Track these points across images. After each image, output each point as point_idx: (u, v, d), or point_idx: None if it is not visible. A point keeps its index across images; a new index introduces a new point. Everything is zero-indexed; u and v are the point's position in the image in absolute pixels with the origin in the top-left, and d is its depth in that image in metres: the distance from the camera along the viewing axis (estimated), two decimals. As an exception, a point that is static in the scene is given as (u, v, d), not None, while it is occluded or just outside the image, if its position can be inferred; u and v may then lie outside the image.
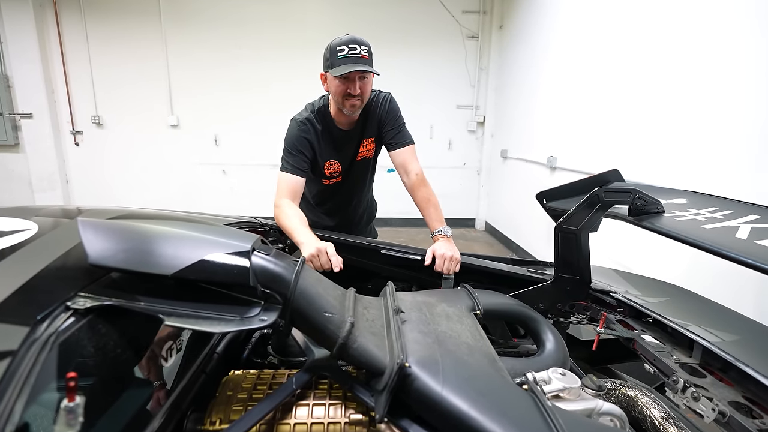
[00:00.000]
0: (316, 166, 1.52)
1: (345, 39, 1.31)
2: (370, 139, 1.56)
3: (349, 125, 1.51)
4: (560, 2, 3.49)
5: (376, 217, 1.94)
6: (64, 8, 4.65)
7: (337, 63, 1.30)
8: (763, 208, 0.96)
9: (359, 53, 1.30)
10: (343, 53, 1.29)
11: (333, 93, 1.39)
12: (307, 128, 1.45)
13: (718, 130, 1.93)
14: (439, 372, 0.70)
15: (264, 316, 0.68)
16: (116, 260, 0.62)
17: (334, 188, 1.62)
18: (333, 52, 1.31)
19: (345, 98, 1.36)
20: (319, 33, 4.81)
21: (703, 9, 2.01)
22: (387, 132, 1.53)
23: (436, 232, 1.39)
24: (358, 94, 1.35)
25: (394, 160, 1.55)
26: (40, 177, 4.91)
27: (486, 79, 5.11)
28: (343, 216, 1.72)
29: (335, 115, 1.48)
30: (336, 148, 1.53)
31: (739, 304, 1.23)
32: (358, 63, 1.30)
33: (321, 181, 1.59)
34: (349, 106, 1.39)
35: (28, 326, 0.51)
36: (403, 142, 1.53)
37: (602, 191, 1.03)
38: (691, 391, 0.80)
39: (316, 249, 1.14)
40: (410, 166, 1.51)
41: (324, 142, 1.49)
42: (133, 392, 0.69)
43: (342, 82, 1.33)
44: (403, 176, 1.53)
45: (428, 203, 1.46)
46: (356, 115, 1.45)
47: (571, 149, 3.32)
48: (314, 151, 1.47)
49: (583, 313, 1.20)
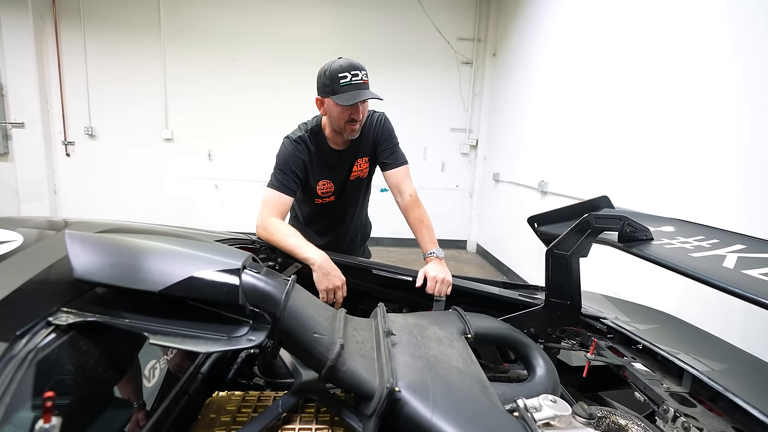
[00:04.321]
0: (308, 186, 1.52)
1: (344, 64, 1.30)
2: (364, 158, 1.56)
3: (343, 145, 1.51)
4: (552, 32, 3.62)
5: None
6: (64, 20, 4.69)
7: (341, 90, 1.29)
8: (749, 238, 0.98)
9: (360, 79, 1.30)
10: (346, 80, 1.28)
11: (334, 118, 1.38)
12: (300, 147, 1.44)
13: (705, 158, 1.99)
14: (429, 397, 0.69)
15: (252, 336, 0.66)
16: (102, 275, 0.61)
17: (327, 208, 1.62)
18: (334, 79, 1.29)
19: (348, 123, 1.36)
20: (317, 54, 4.91)
21: (690, 38, 2.10)
22: (381, 152, 1.53)
23: (428, 253, 1.38)
24: (360, 118, 1.36)
25: (388, 180, 1.55)
26: (27, 187, 4.84)
27: (479, 103, 5.23)
28: (335, 236, 1.71)
29: (329, 136, 1.48)
30: (329, 168, 1.52)
31: (725, 332, 1.24)
32: (362, 89, 1.31)
33: (313, 201, 1.58)
34: (350, 131, 1.39)
35: (6, 342, 0.49)
36: (397, 163, 1.53)
37: (592, 217, 1.05)
38: (681, 421, 0.80)
39: (333, 286, 1.21)
40: (404, 186, 1.51)
41: (317, 162, 1.49)
42: (111, 414, 0.66)
43: (345, 108, 1.32)
44: (397, 197, 1.53)
45: (421, 224, 1.45)
46: (355, 136, 1.46)
47: (561, 174, 3.38)
48: (306, 170, 1.47)
49: (573, 339, 1.20)
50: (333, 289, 1.22)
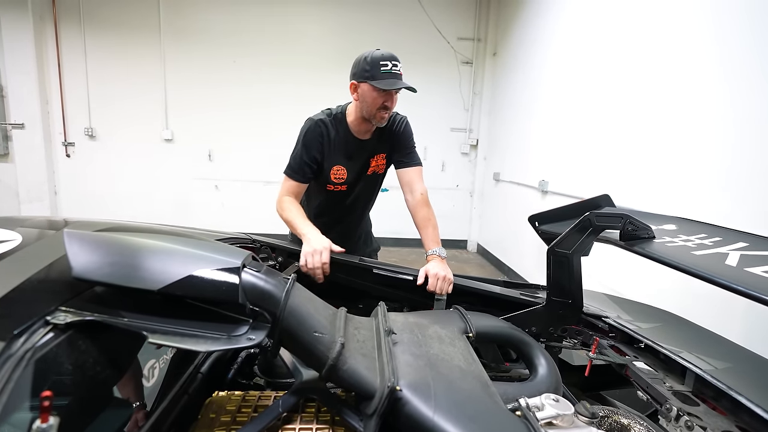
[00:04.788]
0: (322, 171, 1.54)
1: (385, 54, 1.38)
2: (381, 155, 1.60)
3: (364, 135, 1.54)
4: (552, 32, 3.62)
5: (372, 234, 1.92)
6: (64, 21, 4.69)
7: (381, 76, 1.35)
8: (752, 235, 0.98)
9: (399, 70, 1.38)
10: (387, 68, 1.36)
11: (368, 104, 1.42)
12: (321, 130, 1.49)
13: (706, 157, 1.98)
14: (431, 396, 0.68)
15: (252, 335, 0.66)
16: (101, 274, 0.60)
17: (338, 198, 1.62)
18: (374, 65, 1.36)
19: (380, 110, 1.41)
20: (316, 54, 4.93)
21: (690, 37, 2.10)
22: (399, 151, 1.59)
23: (430, 252, 1.39)
24: (392, 107, 1.43)
25: (401, 178, 1.59)
26: (28, 188, 4.84)
27: (479, 103, 5.22)
28: (341, 230, 1.70)
29: (352, 124, 1.51)
30: (346, 155, 1.54)
31: (728, 330, 1.23)
32: (399, 80, 1.38)
33: (325, 187, 1.58)
34: (380, 118, 1.44)
35: (4, 341, 0.48)
36: (412, 162, 1.59)
37: (594, 215, 1.04)
38: (684, 419, 0.79)
39: (313, 249, 1.22)
40: (416, 185, 1.55)
41: (334, 147, 1.52)
42: (110, 414, 0.65)
43: (380, 95, 1.38)
44: (408, 194, 1.56)
45: (428, 223, 1.48)
46: (383, 124, 1.50)
47: (562, 174, 3.38)
48: (323, 153, 1.50)
49: (575, 338, 1.19)
50: (313, 268, 1.22)
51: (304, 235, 1.30)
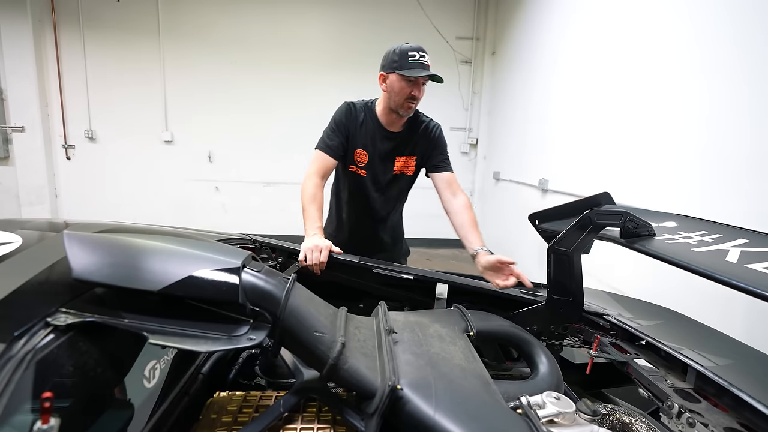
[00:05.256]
0: (348, 152, 1.59)
1: (414, 45, 1.43)
2: (412, 157, 1.64)
3: (391, 126, 1.58)
4: (551, 30, 3.62)
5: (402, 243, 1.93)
6: (63, 24, 4.70)
7: (409, 66, 1.40)
8: (752, 232, 0.98)
9: (426, 61, 1.42)
10: (415, 58, 1.40)
11: (395, 93, 1.46)
12: (352, 111, 1.57)
13: (706, 154, 1.98)
14: (431, 395, 0.68)
15: (252, 335, 0.66)
16: (101, 275, 0.60)
17: (360, 184, 1.63)
18: (403, 56, 1.41)
19: (407, 100, 1.46)
20: (315, 53, 4.93)
21: (689, 36, 2.09)
22: (434, 157, 1.62)
23: (483, 249, 1.39)
24: (419, 97, 1.46)
25: (438, 181, 1.61)
26: (28, 190, 4.84)
27: (479, 102, 5.22)
28: (371, 232, 1.74)
29: (380, 114, 1.57)
30: (371, 141, 1.58)
31: (729, 327, 1.23)
32: (426, 70, 1.41)
33: (348, 168, 1.62)
34: (407, 108, 1.48)
35: (5, 343, 0.48)
36: (448, 168, 1.62)
37: (594, 213, 1.04)
38: (686, 416, 0.79)
39: (314, 245, 1.24)
40: (458, 189, 1.59)
41: (361, 131, 1.58)
42: (111, 415, 0.65)
43: (408, 84, 1.42)
44: (449, 195, 1.58)
45: (475, 225, 1.51)
46: (410, 114, 1.53)
47: (562, 172, 3.38)
48: (349, 133, 1.56)
49: (576, 336, 1.19)
50: (312, 262, 1.24)
51: (307, 231, 1.34)
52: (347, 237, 1.75)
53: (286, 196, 5.09)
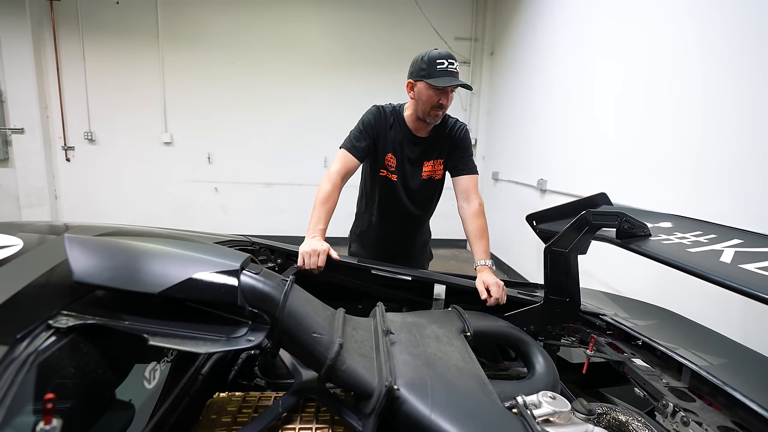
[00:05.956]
0: (377, 156, 1.57)
1: (442, 53, 1.39)
2: (439, 160, 1.61)
3: (419, 131, 1.56)
4: (549, 31, 3.62)
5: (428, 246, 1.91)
6: (62, 26, 4.70)
7: (437, 74, 1.37)
8: (746, 232, 0.98)
9: (455, 68, 1.39)
10: (443, 66, 1.37)
11: (423, 101, 1.43)
12: (381, 115, 1.55)
13: (702, 156, 1.99)
14: (428, 395, 0.69)
15: (251, 337, 0.67)
16: (102, 278, 0.61)
17: (391, 188, 1.62)
18: (431, 63, 1.37)
19: (434, 108, 1.43)
20: (314, 54, 4.94)
21: (688, 35, 2.10)
22: (457, 158, 1.59)
23: (483, 263, 1.37)
24: (447, 105, 1.44)
25: (458, 185, 1.58)
26: (28, 192, 4.85)
27: (477, 103, 5.23)
28: (403, 236, 1.72)
29: (408, 119, 1.55)
30: (400, 146, 1.56)
31: (723, 327, 1.24)
32: (455, 78, 1.38)
33: (379, 172, 1.60)
34: (434, 116, 1.46)
35: (7, 345, 0.49)
36: (469, 170, 1.59)
37: (590, 214, 1.05)
38: (680, 415, 0.80)
39: (312, 249, 1.22)
40: (472, 194, 1.56)
41: (390, 135, 1.56)
42: (112, 415, 0.66)
43: (436, 93, 1.39)
44: (463, 202, 1.56)
45: (483, 234, 1.48)
46: (437, 122, 1.52)
47: (560, 172, 3.38)
48: (378, 137, 1.54)
49: (573, 336, 1.20)
50: (310, 267, 1.23)
51: (308, 232, 1.32)
52: (375, 239, 1.73)
53: (286, 197, 5.11)
